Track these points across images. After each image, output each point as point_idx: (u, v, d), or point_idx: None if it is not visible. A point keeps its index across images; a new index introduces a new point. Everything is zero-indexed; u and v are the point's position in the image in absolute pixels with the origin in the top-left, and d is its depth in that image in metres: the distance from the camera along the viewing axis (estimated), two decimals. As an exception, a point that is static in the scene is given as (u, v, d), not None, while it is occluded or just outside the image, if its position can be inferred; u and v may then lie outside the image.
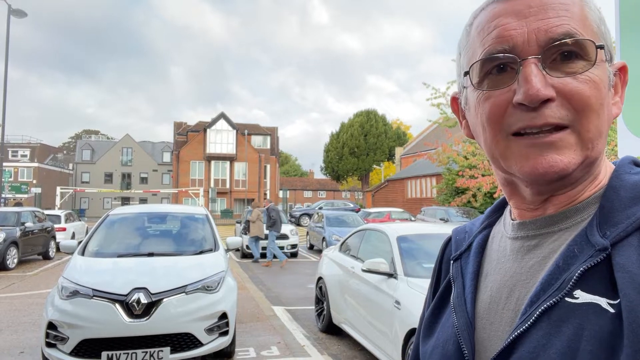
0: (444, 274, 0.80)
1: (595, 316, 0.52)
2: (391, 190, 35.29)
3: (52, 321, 4.36)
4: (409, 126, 65.55)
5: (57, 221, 16.33)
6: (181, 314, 4.51)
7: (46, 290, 8.94)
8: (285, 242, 14.88)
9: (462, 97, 0.70)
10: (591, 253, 0.55)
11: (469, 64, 0.64)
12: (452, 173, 19.93)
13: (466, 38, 0.67)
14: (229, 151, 46.02)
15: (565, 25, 0.57)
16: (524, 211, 0.66)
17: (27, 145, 57.89)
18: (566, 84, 0.57)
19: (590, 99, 0.57)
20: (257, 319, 6.89)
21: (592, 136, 0.58)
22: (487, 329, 0.64)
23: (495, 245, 0.71)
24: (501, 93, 0.59)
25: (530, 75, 0.56)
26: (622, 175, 0.61)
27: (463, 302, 0.69)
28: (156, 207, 6.99)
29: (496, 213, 0.78)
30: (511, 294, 0.63)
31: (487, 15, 0.63)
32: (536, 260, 0.62)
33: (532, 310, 0.57)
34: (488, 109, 0.61)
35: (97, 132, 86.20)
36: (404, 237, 5.23)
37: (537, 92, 0.56)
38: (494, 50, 0.60)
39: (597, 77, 0.58)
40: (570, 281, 0.55)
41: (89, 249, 5.42)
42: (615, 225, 0.56)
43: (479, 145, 0.67)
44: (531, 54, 0.57)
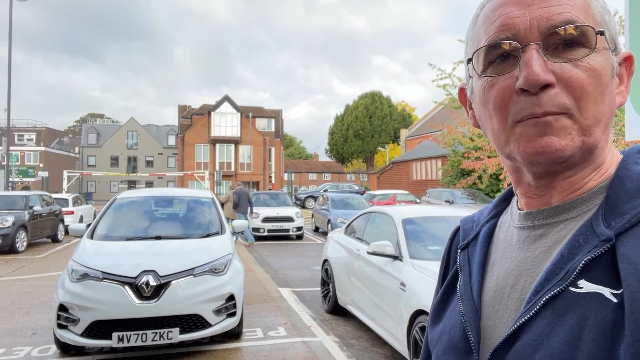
0: (452, 262, 0.81)
1: (599, 305, 0.52)
2: (396, 173, 35.24)
3: (63, 303, 4.44)
4: (414, 108, 65.04)
5: (64, 204, 16.49)
6: (189, 295, 4.59)
7: (56, 272, 9.08)
8: (291, 224, 14.98)
9: (468, 87, 0.72)
10: (596, 243, 0.56)
11: (473, 51, 0.65)
12: (458, 155, 19.83)
13: (473, 29, 0.68)
14: (233, 134, 45.97)
15: (567, 13, 0.58)
16: (530, 199, 0.67)
17: (33, 129, 58.11)
18: (566, 71, 0.58)
19: (590, 86, 0.58)
20: (263, 300, 6.99)
21: (589, 123, 0.58)
22: (492, 316, 0.66)
23: (502, 235, 0.73)
24: (505, 79, 0.60)
25: (530, 60, 0.58)
26: (629, 165, 0.62)
27: (469, 290, 0.70)
28: (163, 190, 7.04)
29: (504, 202, 0.79)
30: (516, 282, 0.64)
31: (492, 5, 0.64)
32: (542, 249, 0.63)
33: (536, 299, 0.58)
34: (494, 96, 0.62)
35: (102, 115, 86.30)
36: (409, 220, 5.25)
37: (537, 76, 0.57)
38: (497, 38, 0.61)
39: (598, 64, 0.59)
40: (575, 271, 0.56)
41: (98, 232, 5.48)
42: (621, 216, 0.56)
43: (485, 133, 0.68)
44: (533, 40, 0.59)
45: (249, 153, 46.22)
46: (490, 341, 0.64)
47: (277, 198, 17.16)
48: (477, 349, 0.65)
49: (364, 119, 51.69)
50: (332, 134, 54.24)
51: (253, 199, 16.80)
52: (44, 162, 52.71)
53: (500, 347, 0.60)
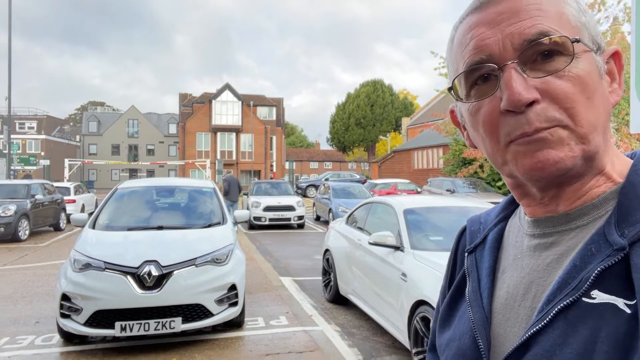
0: (459, 265, 0.80)
1: (612, 316, 0.52)
2: (397, 161, 35.19)
3: (66, 293, 4.47)
4: (416, 96, 64.72)
5: (66, 193, 16.52)
6: (191, 285, 4.61)
7: (58, 261, 9.12)
8: (292, 213, 15.00)
9: (457, 110, 0.71)
10: (609, 252, 0.55)
11: (452, 79, 0.65)
12: (459, 143, 19.79)
13: (450, 52, 0.67)
14: (234, 123, 45.88)
15: (539, 25, 0.57)
16: (535, 208, 0.66)
17: (34, 118, 58.01)
18: (549, 84, 0.57)
19: (575, 95, 0.56)
20: (265, 289, 7.03)
21: (586, 130, 0.57)
22: (503, 325, 0.65)
23: (512, 241, 0.71)
24: (489, 102, 0.60)
25: (510, 80, 0.57)
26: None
27: (479, 297, 0.69)
28: (164, 180, 7.04)
29: (512, 205, 0.77)
30: (528, 291, 0.63)
31: (464, 28, 0.63)
32: (553, 257, 0.62)
33: (548, 308, 0.57)
34: (482, 120, 0.61)
35: (102, 103, 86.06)
36: (411, 210, 5.25)
37: (519, 96, 0.56)
38: (472, 62, 0.60)
39: (581, 70, 0.57)
40: (588, 281, 0.55)
41: (100, 222, 5.50)
42: (634, 225, 0.55)
43: (482, 153, 0.68)
44: (509, 59, 0.58)
45: (250, 142, 46.16)
46: (501, 350, 0.63)
47: (278, 187, 17.17)
48: (487, 357, 0.64)
49: (365, 107, 51.49)
50: (334, 122, 54.08)
51: (254, 188, 16.84)
52: (45, 150, 52.72)
53: (511, 356, 0.59)
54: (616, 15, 12.57)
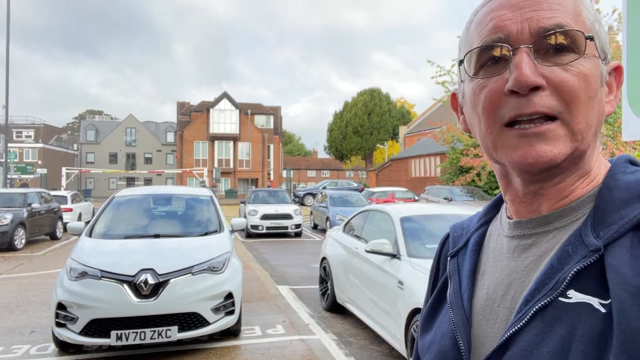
0: (442, 270, 0.82)
1: (587, 316, 0.53)
2: (395, 170, 35.25)
3: (62, 302, 4.45)
4: (413, 105, 64.94)
5: (63, 202, 16.47)
6: (188, 294, 4.59)
7: (55, 270, 9.08)
8: (290, 222, 14.99)
9: (460, 91, 0.72)
10: (585, 253, 0.56)
11: (465, 53, 0.66)
12: (457, 152, 19.85)
13: (466, 34, 0.69)
14: (232, 131, 45.93)
15: (557, 18, 0.59)
16: (519, 206, 0.67)
17: (31, 126, 57.99)
18: (556, 74, 0.58)
19: (580, 90, 0.58)
20: (262, 298, 7.00)
21: (581, 128, 0.59)
22: (483, 325, 0.66)
23: (492, 243, 0.73)
24: (495, 81, 0.61)
25: (521, 62, 0.58)
26: (617, 175, 0.62)
27: (460, 298, 0.70)
28: (161, 188, 7.04)
29: (493, 210, 0.79)
30: (507, 292, 0.64)
31: (486, 10, 0.65)
32: (532, 259, 0.63)
33: (526, 309, 0.58)
34: (483, 99, 0.62)
35: (100, 112, 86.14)
36: (408, 218, 5.26)
37: (526, 77, 0.57)
38: (489, 40, 0.62)
39: (588, 69, 0.59)
40: (564, 281, 0.56)
41: (96, 230, 5.48)
42: (609, 226, 0.57)
43: (474, 137, 0.69)
44: (523, 43, 0.59)
45: (248, 150, 46.20)
46: (481, 351, 0.64)
47: (275, 195, 17.17)
48: (467, 358, 0.65)
49: (362, 115, 51.66)
50: (331, 130, 54.20)
51: (252, 196, 16.84)
52: (42, 159, 52.63)
53: (491, 357, 0.60)
54: (611, 24, 12.71)
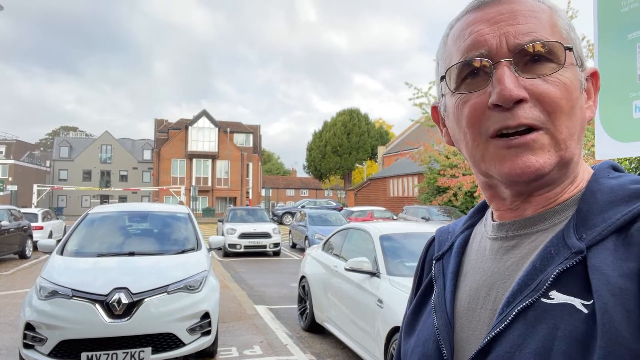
0: (426, 273, 0.81)
1: (569, 316, 0.53)
2: (373, 189, 35.46)
3: (30, 322, 4.27)
4: (392, 125, 65.95)
5: (33, 219, 15.99)
6: (163, 314, 4.47)
7: (23, 290, 8.74)
8: (268, 240, 14.85)
9: (441, 104, 0.72)
10: (567, 255, 0.56)
11: (446, 69, 0.66)
12: (434, 172, 20.13)
13: (443, 47, 0.69)
14: (210, 149, 45.63)
15: (533, 33, 0.60)
16: (504, 212, 0.68)
17: (3, 142, 56.53)
18: (537, 86, 0.59)
19: (561, 100, 0.59)
20: (239, 318, 6.87)
21: (564, 137, 0.60)
22: (465, 328, 0.66)
23: (476, 245, 0.73)
24: (477, 95, 0.61)
25: (503, 76, 0.59)
26: (600, 179, 0.63)
27: (443, 301, 0.70)
28: (137, 205, 6.90)
29: (478, 214, 0.79)
30: (489, 293, 0.64)
31: (462, 24, 0.65)
32: (514, 260, 0.63)
33: (508, 310, 0.58)
34: (467, 113, 0.63)
35: (75, 128, 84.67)
36: (387, 236, 5.27)
37: (510, 92, 0.58)
38: (470, 55, 0.62)
39: (568, 79, 0.60)
40: (547, 282, 0.56)
41: (68, 248, 5.32)
42: (592, 228, 0.57)
43: (460, 150, 0.69)
44: (503, 56, 0.60)
45: (227, 168, 45.89)
46: (464, 354, 0.64)
47: (254, 214, 17.03)
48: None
49: (342, 135, 52.06)
50: (310, 150, 54.39)
51: (230, 214, 16.66)
52: (13, 175, 51.16)
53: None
54: (580, 51, 13.23)
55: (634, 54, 2.33)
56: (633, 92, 2.33)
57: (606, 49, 2.61)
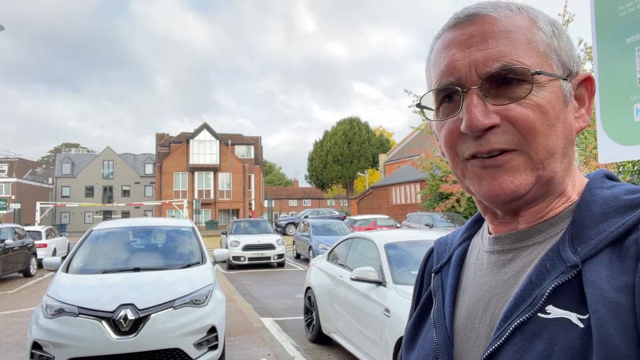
0: (425, 286, 0.81)
1: (566, 331, 0.53)
2: (376, 197, 35.42)
3: (37, 341, 4.27)
4: (392, 133, 66.02)
5: (37, 237, 16.00)
6: (169, 329, 4.46)
7: (28, 308, 8.73)
8: (272, 252, 14.82)
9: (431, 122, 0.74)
10: (563, 269, 0.57)
11: (426, 92, 0.68)
12: (436, 179, 20.10)
13: (428, 63, 0.70)
14: (212, 162, 45.72)
15: (502, 58, 0.59)
16: (497, 226, 0.68)
17: (5, 160, 56.71)
18: (509, 110, 0.59)
19: (535, 122, 0.58)
20: (245, 331, 6.84)
21: (541, 157, 0.59)
22: (464, 344, 0.66)
23: (473, 259, 0.73)
24: (452, 122, 0.63)
25: (470, 106, 0.59)
26: (594, 190, 0.63)
27: (442, 316, 0.70)
28: (141, 220, 6.91)
29: (475, 225, 0.79)
30: (487, 308, 0.64)
31: (441, 45, 0.66)
32: (511, 274, 0.64)
33: (506, 326, 0.58)
34: (443, 137, 0.65)
35: (76, 145, 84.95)
36: (392, 245, 5.26)
37: (476, 122, 0.58)
38: (443, 83, 0.63)
39: (542, 99, 0.59)
40: (543, 297, 0.56)
41: (73, 265, 5.32)
42: (587, 242, 0.57)
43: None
44: (473, 84, 0.60)
45: (228, 180, 45.93)
46: None
47: (257, 225, 17.01)
48: None
49: (342, 144, 52.13)
50: (312, 160, 54.44)
51: (233, 226, 16.65)
52: (16, 193, 51.28)
53: None
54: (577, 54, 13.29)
55: (633, 58, 2.35)
56: (634, 95, 2.34)
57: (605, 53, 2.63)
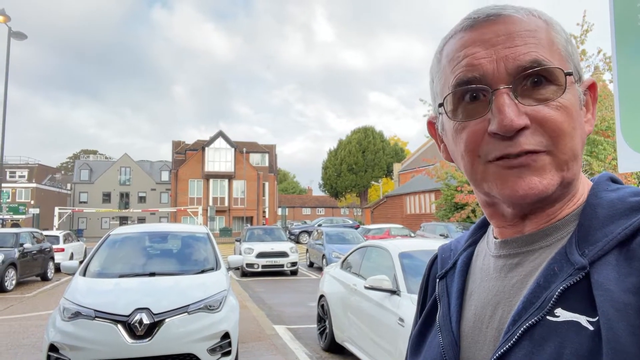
0: (430, 291, 0.81)
1: (575, 334, 0.53)
2: (390, 207, 35.27)
3: (54, 343, 4.33)
4: (407, 142, 65.93)
5: (55, 242, 16.25)
6: (183, 334, 4.49)
7: (45, 312, 8.86)
8: (285, 259, 14.83)
9: (438, 122, 0.71)
10: (570, 272, 0.56)
11: (442, 93, 0.65)
12: (451, 188, 19.94)
13: (437, 65, 0.68)
14: (227, 169, 46.07)
15: (533, 53, 0.59)
16: (504, 229, 0.68)
17: (25, 166, 57.87)
18: (539, 111, 0.58)
19: (563, 124, 0.58)
20: (258, 338, 6.84)
21: (567, 158, 0.59)
22: (472, 348, 0.65)
23: (479, 264, 0.73)
24: (476, 123, 0.60)
25: (503, 105, 0.57)
26: (599, 193, 0.63)
27: (448, 321, 0.70)
28: (157, 226, 6.98)
29: (480, 230, 0.79)
30: (495, 312, 0.64)
31: (456, 44, 0.64)
32: (518, 278, 0.63)
33: (514, 329, 0.58)
34: (465, 139, 0.62)
35: (95, 151, 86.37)
36: (406, 254, 5.22)
37: (511, 122, 0.57)
38: (464, 78, 0.61)
39: (568, 101, 0.59)
40: (551, 300, 0.56)
41: (91, 269, 5.40)
42: (594, 244, 0.57)
43: (458, 168, 0.68)
44: (502, 83, 0.59)
45: (243, 188, 46.21)
46: None
47: (271, 233, 17.05)
48: None
49: (357, 153, 52.13)
50: (326, 168, 54.52)
51: (247, 234, 16.71)
52: (35, 198, 52.25)
53: None
54: (597, 64, 13.10)
55: (654, 66, 2.32)
56: (654, 104, 2.31)
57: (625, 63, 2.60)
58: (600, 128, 11.84)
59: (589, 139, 12.11)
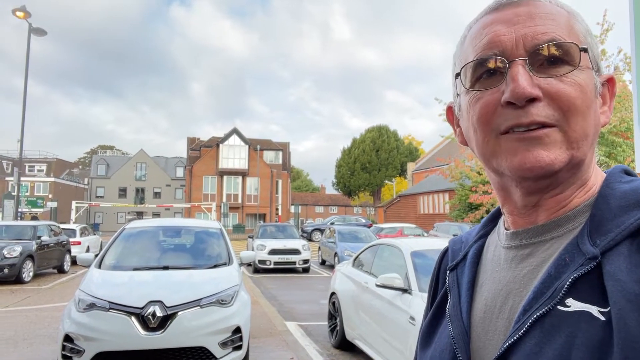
0: (440, 284, 0.81)
1: (587, 324, 0.53)
2: (403, 206, 35.12)
3: (69, 334, 4.41)
4: (421, 142, 65.36)
5: (72, 235, 16.53)
6: (195, 327, 4.53)
7: (61, 303, 9.02)
8: (297, 257, 14.87)
9: (456, 104, 0.73)
10: (582, 261, 0.56)
11: (461, 67, 0.67)
12: (465, 189, 19.78)
13: (460, 48, 0.70)
14: (241, 166, 46.33)
15: (551, 33, 0.60)
16: (517, 218, 0.67)
17: (44, 161, 58.95)
18: (552, 85, 0.59)
19: (576, 99, 0.59)
20: (269, 334, 6.87)
21: (577, 136, 0.59)
22: (482, 337, 0.66)
23: (490, 255, 0.73)
24: (491, 93, 0.62)
25: (517, 74, 0.59)
26: (612, 184, 0.63)
27: (459, 311, 0.70)
28: (171, 221, 7.06)
29: (491, 223, 0.79)
30: (505, 302, 0.64)
31: (480, 25, 0.66)
32: (529, 268, 0.63)
33: (525, 318, 0.58)
34: (479, 110, 0.63)
35: (112, 147, 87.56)
36: (418, 252, 5.20)
37: (523, 89, 0.58)
38: (485, 54, 0.63)
39: (583, 80, 0.60)
40: (562, 289, 0.56)
41: (106, 262, 5.48)
42: (606, 234, 0.57)
43: (472, 150, 0.69)
44: (519, 56, 0.60)
45: (256, 185, 46.42)
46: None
47: (284, 230, 17.12)
48: None
49: (370, 152, 52.00)
50: (339, 167, 54.47)
51: (260, 230, 16.80)
52: (53, 192, 53.16)
53: None
54: (617, 65, 12.87)
55: (674, 65, 2.27)
56: (674, 103, 2.27)
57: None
58: (619, 129, 11.63)
59: (608, 141, 11.91)
